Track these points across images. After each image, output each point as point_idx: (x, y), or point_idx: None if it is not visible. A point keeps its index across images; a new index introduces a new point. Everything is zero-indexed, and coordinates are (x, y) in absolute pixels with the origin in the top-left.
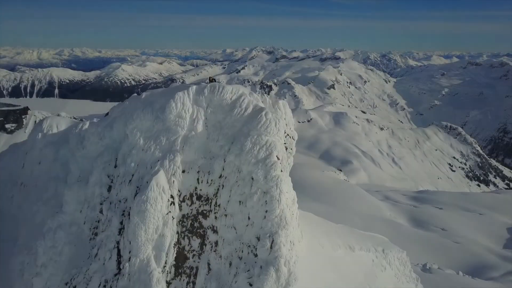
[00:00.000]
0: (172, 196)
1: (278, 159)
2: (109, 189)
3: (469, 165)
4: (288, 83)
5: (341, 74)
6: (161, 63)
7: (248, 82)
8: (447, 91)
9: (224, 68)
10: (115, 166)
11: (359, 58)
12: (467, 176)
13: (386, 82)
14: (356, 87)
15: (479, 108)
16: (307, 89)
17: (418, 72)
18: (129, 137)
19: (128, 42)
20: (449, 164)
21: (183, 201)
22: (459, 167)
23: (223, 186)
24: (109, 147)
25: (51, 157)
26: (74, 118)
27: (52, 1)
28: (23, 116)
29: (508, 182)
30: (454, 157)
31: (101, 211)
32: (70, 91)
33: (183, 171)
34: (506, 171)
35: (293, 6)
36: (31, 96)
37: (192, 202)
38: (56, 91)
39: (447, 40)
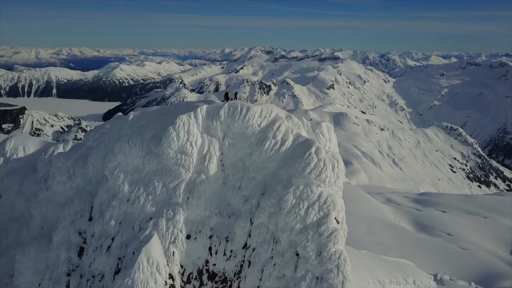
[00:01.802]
0: (171, 277)
1: (338, 222)
2: (80, 253)
3: (470, 166)
4: (288, 83)
5: (340, 74)
6: (159, 63)
7: (247, 82)
8: (446, 91)
9: (223, 68)
10: (90, 219)
11: (358, 58)
12: (468, 177)
13: (386, 82)
14: (355, 87)
15: (478, 108)
16: (306, 89)
17: (417, 72)
18: (109, 179)
19: (127, 41)
20: (450, 165)
21: (188, 281)
22: (460, 168)
23: (249, 262)
24: (82, 191)
25: (15, 189)
26: (72, 118)
27: (50, 0)
28: (20, 116)
29: (509, 183)
30: (454, 158)
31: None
32: (68, 90)
33: (188, 237)
34: (506, 172)
35: (292, 6)
36: (28, 95)
37: (202, 284)
38: (54, 90)
39: (445, 40)
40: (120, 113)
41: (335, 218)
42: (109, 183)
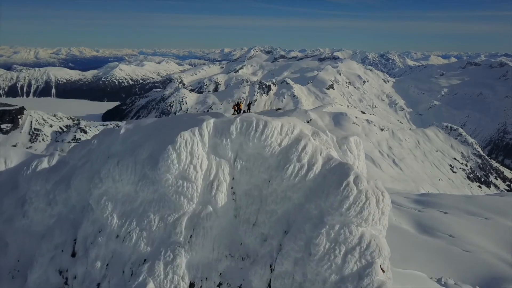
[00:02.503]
0: None
1: (384, 271)
2: None
3: (470, 166)
4: (287, 83)
5: (340, 74)
6: (159, 63)
7: (247, 82)
8: (446, 91)
9: (222, 67)
10: (73, 254)
11: (357, 58)
12: (468, 177)
13: (385, 82)
14: (355, 87)
15: (478, 108)
16: (306, 89)
17: (417, 72)
18: (95, 209)
19: (126, 41)
20: (450, 165)
21: None
22: (460, 168)
23: None
24: (63, 220)
25: None
26: (71, 118)
27: (50, 0)
28: (19, 116)
29: (509, 183)
30: (455, 158)
31: None
32: (67, 90)
33: (192, 285)
34: (506, 172)
35: (292, 6)
36: (27, 95)
37: None
38: (53, 90)
39: (445, 40)
40: (110, 126)
41: (380, 266)
42: (95, 213)
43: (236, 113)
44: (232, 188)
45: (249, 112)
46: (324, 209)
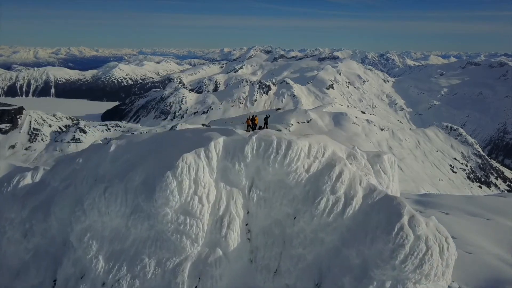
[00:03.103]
0: None
1: None
2: None
3: (470, 166)
4: (287, 83)
5: (340, 74)
6: (158, 63)
7: (247, 81)
8: (446, 91)
9: (222, 67)
10: None
11: (357, 58)
12: (469, 177)
13: (385, 82)
14: (355, 87)
15: (478, 108)
16: (306, 88)
17: (417, 72)
18: (77, 247)
19: (126, 41)
20: (450, 165)
21: None
22: (460, 168)
23: None
24: (42, 255)
25: None
26: (70, 118)
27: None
28: (18, 116)
29: (509, 183)
30: (455, 158)
31: None
32: (67, 90)
33: None
34: (507, 172)
35: (291, 5)
36: (27, 95)
37: None
38: (53, 90)
39: (444, 40)
40: (99, 141)
41: None
42: (77, 252)
43: (250, 129)
44: (246, 225)
45: (267, 127)
46: (368, 258)
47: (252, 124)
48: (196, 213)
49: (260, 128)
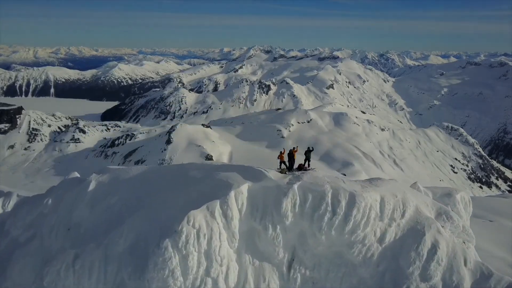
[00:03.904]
0: None
1: None
2: None
3: (471, 167)
4: (287, 83)
5: (340, 74)
6: (158, 62)
7: (246, 81)
8: (446, 91)
9: (222, 67)
10: None
11: (357, 58)
12: (469, 177)
13: (385, 82)
14: (355, 87)
15: (478, 108)
16: (306, 88)
17: (417, 72)
18: None
19: (125, 41)
20: (451, 165)
21: None
22: (461, 168)
23: None
24: None
25: None
26: (70, 118)
27: None
28: (17, 116)
29: (510, 184)
30: (455, 159)
31: None
32: (66, 90)
33: None
34: (508, 173)
35: (291, 5)
36: (26, 95)
37: None
38: (52, 90)
39: (444, 40)
40: (76, 173)
41: None
42: None
43: (285, 168)
44: None
45: (308, 166)
46: None
47: (289, 160)
48: None
49: (300, 167)
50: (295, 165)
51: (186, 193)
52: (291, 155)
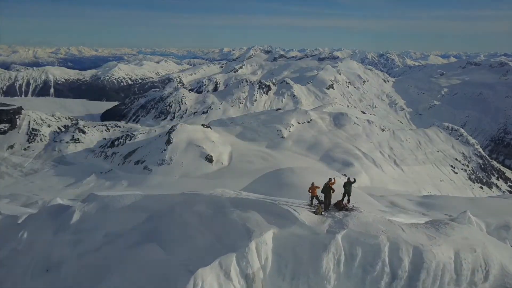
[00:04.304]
0: None
1: None
2: None
3: (472, 167)
4: (287, 83)
5: (340, 74)
6: (158, 62)
7: (246, 81)
8: (446, 91)
9: (221, 67)
10: None
11: (357, 58)
12: (470, 178)
13: (385, 82)
14: (355, 87)
15: (478, 108)
16: (306, 88)
17: (417, 72)
18: None
19: (125, 41)
20: (451, 166)
21: None
22: (462, 169)
23: None
24: None
25: None
26: (69, 118)
27: None
28: (16, 116)
29: (510, 184)
30: (456, 159)
31: None
32: (66, 90)
33: None
34: (508, 173)
35: (291, 5)
36: (26, 95)
37: None
38: (52, 90)
39: (444, 40)
40: (59, 200)
41: None
42: None
43: (321, 207)
44: None
45: (348, 202)
46: None
47: (326, 195)
48: None
49: (340, 206)
50: (332, 201)
51: (190, 238)
52: (328, 189)
